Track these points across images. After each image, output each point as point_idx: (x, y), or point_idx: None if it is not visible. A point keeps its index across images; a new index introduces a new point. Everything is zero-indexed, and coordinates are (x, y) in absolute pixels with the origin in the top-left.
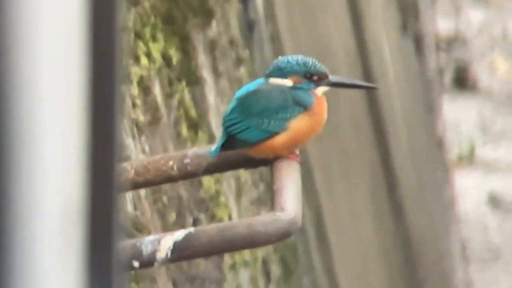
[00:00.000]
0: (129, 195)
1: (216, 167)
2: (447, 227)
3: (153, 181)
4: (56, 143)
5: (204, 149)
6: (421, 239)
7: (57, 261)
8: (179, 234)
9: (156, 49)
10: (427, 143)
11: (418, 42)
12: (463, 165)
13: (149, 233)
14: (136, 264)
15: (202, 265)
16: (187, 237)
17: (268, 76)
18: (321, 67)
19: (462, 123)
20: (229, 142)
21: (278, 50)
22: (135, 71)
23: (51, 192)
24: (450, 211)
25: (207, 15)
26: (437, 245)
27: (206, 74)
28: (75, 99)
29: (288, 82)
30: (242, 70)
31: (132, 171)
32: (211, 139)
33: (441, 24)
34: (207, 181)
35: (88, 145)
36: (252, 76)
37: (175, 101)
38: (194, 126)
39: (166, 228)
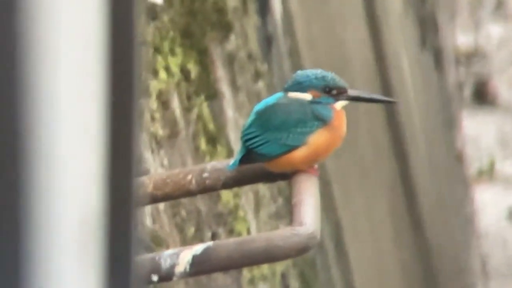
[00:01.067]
0: (148, 209)
1: (235, 181)
2: (467, 242)
3: (172, 195)
4: (75, 155)
5: (223, 163)
6: (441, 254)
7: (75, 273)
8: (198, 248)
9: (174, 63)
10: (446, 158)
11: (437, 57)
12: (483, 180)
13: (167, 247)
14: (155, 278)
15: (221, 279)
16: (205, 251)
17: (287, 90)
18: (340, 81)
19: (482, 138)
20: (248, 156)
21: (297, 64)
22: (154, 85)
23: (69, 204)
24: (470, 226)
25: (225, 29)
26: (457, 260)
27: (224, 88)
28: (94, 112)
29: (307, 96)
30: (261, 84)
31: (151, 185)
32: (229, 153)
33: (460, 38)
34: (226, 195)
35: (107, 158)
36: (271, 90)
37: (193, 115)
38: (212, 140)
39: (185, 242)
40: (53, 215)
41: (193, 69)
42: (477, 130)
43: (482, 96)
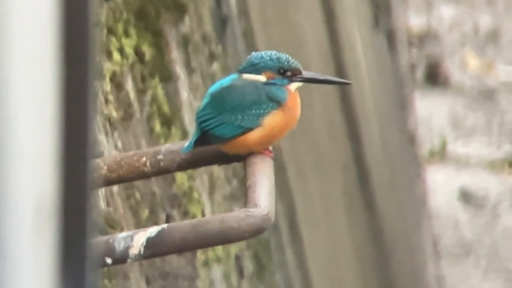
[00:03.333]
0: (102, 192)
1: (189, 163)
2: (419, 223)
3: (126, 177)
4: (29, 138)
5: (177, 145)
6: (393, 234)
7: (30, 257)
8: (152, 231)
9: (128, 45)
10: (399, 139)
11: (390, 38)
12: (435, 161)
13: (122, 229)
14: (109, 260)
15: (175, 262)
16: (160, 234)
17: (242, 71)
18: (294, 62)
19: (434, 119)
20: (203, 138)
21: (251, 46)
22: (108, 67)
23: (24, 187)
24: (422, 206)
25: (180, 10)
26: (409, 240)
27: (179, 69)
28: (48, 95)
29: (261, 78)
30: (215, 66)
31: (105, 167)
32: (184, 135)
33: (413, 20)
34: (180, 177)
35: (61, 141)
36: (225, 71)
37: (148, 97)
38: (167, 122)
39: (139, 224)
40: (8, 199)
41: (148, 51)
42: (429, 111)
43: (434, 77)
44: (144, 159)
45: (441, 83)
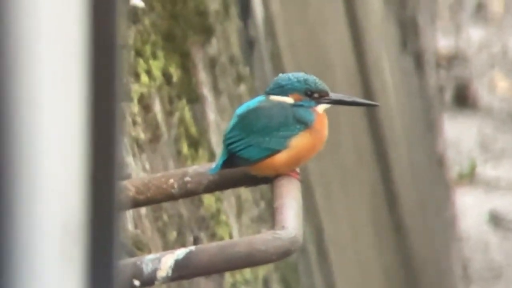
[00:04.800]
0: (130, 214)
1: (217, 185)
2: (448, 246)
3: (154, 199)
4: (57, 160)
5: (205, 167)
6: (422, 257)
7: (57, 279)
8: (180, 253)
9: (156, 67)
10: (427, 161)
11: (418, 60)
12: (464, 183)
13: (149, 251)
14: (136, 282)
15: (203, 284)
16: (187, 256)
17: (269, 93)
18: (321, 84)
19: (463, 141)
20: (230, 159)
21: (279, 68)
22: (136, 89)
23: (51, 209)
24: (451, 229)
25: (207, 32)
26: (438, 264)
27: (206, 91)
28: (76, 117)
29: (288, 100)
30: (243, 88)
31: (133, 189)
32: (211, 156)
33: (441, 41)
34: (208, 199)
35: (88, 163)
36: (253, 93)
37: (175, 119)
38: (194, 144)
39: (167, 246)
40: (36, 219)
41: (175, 73)
42: (458, 133)
43: (463, 99)
44: (171, 180)
45: (470, 105)
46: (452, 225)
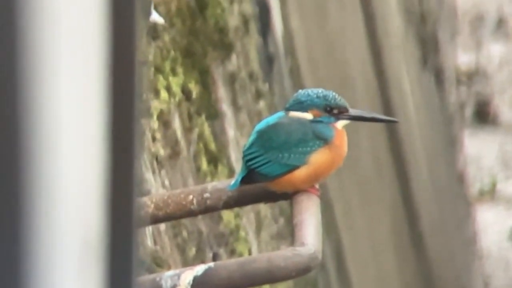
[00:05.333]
0: (149, 230)
1: (236, 201)
2: (469, 263)
3: (173, 215)
4: (76, 176)
5: (224, 183)
6: (443, 274)
7: None
8: (199, 269)
9: (176, 83)
10: (448, 178)
11: (439, 76)
12: (485, 200)
13: (169, 268)
14: None
15: None
16: (207, 272)
17: (288, 109)
18: (341, 100)
19: (483, 158)
20: (249, 175)
21: (298, 84)
22: (155, 105)
23: (70, 225)
24: (472, 246)
25: (226, 48)
26: (459, 281)
27: (225, 107)
28: (95, 133)
29: (308, 116)
30: (262, 104)
31: (152, 205)
32: (230, 173)
33: (461, 57)
34: (227, 215)
35: (107, 179)
36: (272, 109)
37: (194, 135)
38: (213, 160)
39: (186, 262)
40: (55, 234)
41: (194, 89)
42: (479, 149)
43: (484, 115)
44: (191, 197)
45: (491, 121)
46: (472, 242)
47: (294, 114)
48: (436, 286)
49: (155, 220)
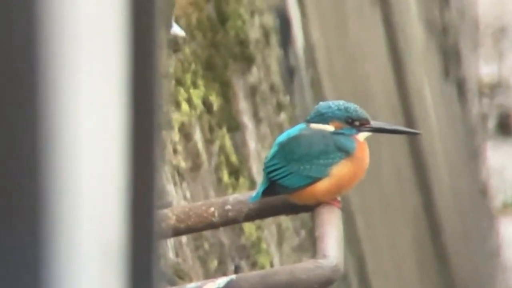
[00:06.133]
0: (171, 242)
1: (257, 213)
2: (493, 276)
3: (195, 227)
4: (97, 187)
5: (245, 195)
6: (466, 287)
7: None
8: (221, 282)
9: (196, 95)
10: (471, 190)
11: (461, 88)
12: (508, 212)
13: (190, 280)
14: None
15: None
16: (229, 285)
17: (309, 121)
18: (362, 112)
19: (507, 170)
20: (271, 188)
21: (319, 96)
22: (176, 118)
23: (91, 236)
24: (496, 259)
25: (247, 61)
26: None
27: (246, 119)
28: (116, 145)
29: (329, 128)
30: (283, 116)
31: (174, 217)
32: (252, 185)
33: (483, 69)
34: (248, 227)
35: (128, 191)
36: (293, 121)
37: (216, 147)
38: (235, 172)
39: (208, 275)
40: (76, 246)
41: (215, 101)
42: (502, 162)
43: (506, 127)
44: (212, 209)
45: None
46: (496, 254)
47: (316, 126)
48: None
49: (177, 232)
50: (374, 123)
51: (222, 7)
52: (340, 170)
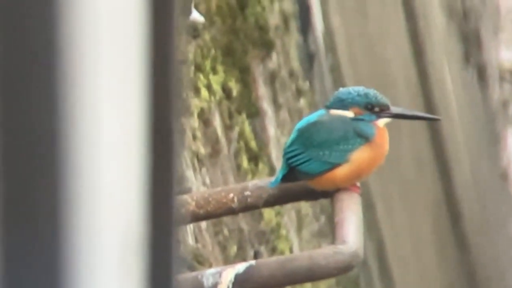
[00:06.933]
0: (190, 228)
1: (277, 199)
2: None
3: (214, 213)
4: (116, 173)
5: (265, 181)
6: (486, 273)
7: None
8: (240, 267)
9: (216, 81)
10: (491, 175)
11: (481, 73)
12: None
13: (210, 265)
14: None
15: None
16: (248, 270)
17: (329, 107)
18: (382, 98)
19: None
20: (290, 173)
21: (339, 82)
22: (196, 104)
23: (110, 224)
24: None
25: (267, 47)
26: (503, 280)
27: (266, 105)
28: (136, 131)
29: (349, 114)
30: (302, 102)
31: (193, 203)
32: (271, 171)
33: (504, 54)
34: (268, 213)
35: (148, 176)
36: (313, 107)
37: (235, 133)
38: (254, 158)
39: (227, 260)
40: (95, 232)
41: (235, 87)
42: None
43: None
44: (231, 195)
45: None
46: None
47: (335, 112)
48: (479, 285)
49: (196, 218)
50: (394, 109)
51: None
52: (359, 156)
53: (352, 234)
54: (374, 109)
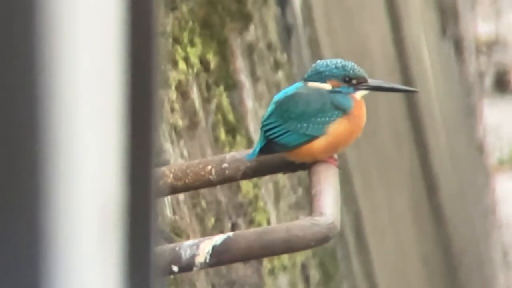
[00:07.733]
0: (168, 200)
1: (254, 171)
2: (488, 232)
3: (192, 185)
4: (94, 145)
5: (242, 153)
6: (462, 244)
7: (94, 264)
8: (218, 239)
9: (194, 54)
10: (467, 147)
11: (458, 46)
12: (504, 170)
13: (188, 237)
14: (175, 268)
15: (241, 270)
16: (225, 242)
17: (307, 80)
18: (360, 70)
19: (503, 127)
20: (268, 146)
21: (316, 54)
22: (173, 76)
23: (88, 194)
24: (491, 215)
25: (245, 19)
26: (478, 251)
27: (244, 78)
28: (113, 103)
29: (326, 86)
30: (280, 74)
31: (171, 175)
32: (249, 143)
33: (481, 27)
34: (246, 185)
35: (126, 149)
36: (290, 80)
37: (213, 106)
38: (232, 131)
39: (205, 232)
40: (73, 205)
41: (213, 60)
42: (498, 119)
43: (503, 85)
44: (209, 167)
45: (510, 90)
46: (492, 211)
47: (313, 84)
48: (455, 256)
49: (174, 190)
50: (371, 81)
51: None
52: (337, 128)
53: (329, 206)
54: (352, 81)
